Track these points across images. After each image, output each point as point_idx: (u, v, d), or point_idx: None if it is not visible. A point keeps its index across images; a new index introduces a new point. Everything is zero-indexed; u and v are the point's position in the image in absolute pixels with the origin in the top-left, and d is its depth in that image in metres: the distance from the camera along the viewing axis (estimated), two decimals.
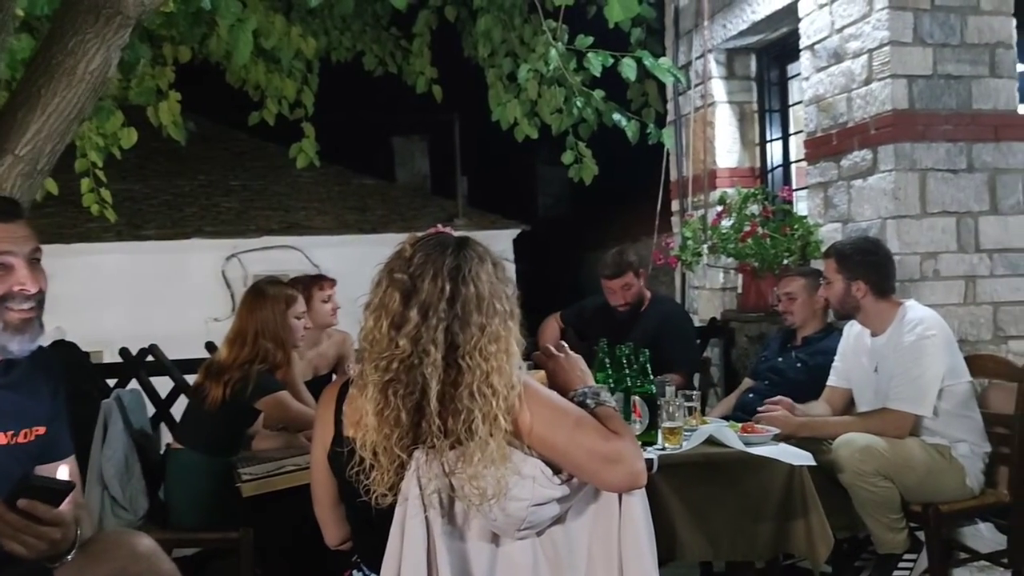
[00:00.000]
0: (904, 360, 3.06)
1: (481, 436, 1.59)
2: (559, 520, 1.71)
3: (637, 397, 2.73)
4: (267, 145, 12.41)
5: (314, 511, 1.89)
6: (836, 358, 3.39)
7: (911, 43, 3.74)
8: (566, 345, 1.94)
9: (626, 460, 1.65)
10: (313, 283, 3.80)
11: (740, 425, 2.86)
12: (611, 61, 3.92)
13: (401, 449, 1.62)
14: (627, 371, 2.80)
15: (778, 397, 3.18)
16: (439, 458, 1.61)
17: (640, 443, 2.56)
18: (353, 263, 4.40)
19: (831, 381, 3.38)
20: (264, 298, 3.20)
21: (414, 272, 1.65)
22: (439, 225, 1.81)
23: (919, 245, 3.68)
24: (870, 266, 3.21)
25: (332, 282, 3.90)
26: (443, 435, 1.61)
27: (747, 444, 2.65)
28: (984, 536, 3.31)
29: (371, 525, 1.69)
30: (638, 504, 1.75)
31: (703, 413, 3.40)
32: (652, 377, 2.80)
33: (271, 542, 2.93)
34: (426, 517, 1.61)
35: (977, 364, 3.23)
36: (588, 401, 1.76)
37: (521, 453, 1.64)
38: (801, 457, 2.58)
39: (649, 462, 2.37)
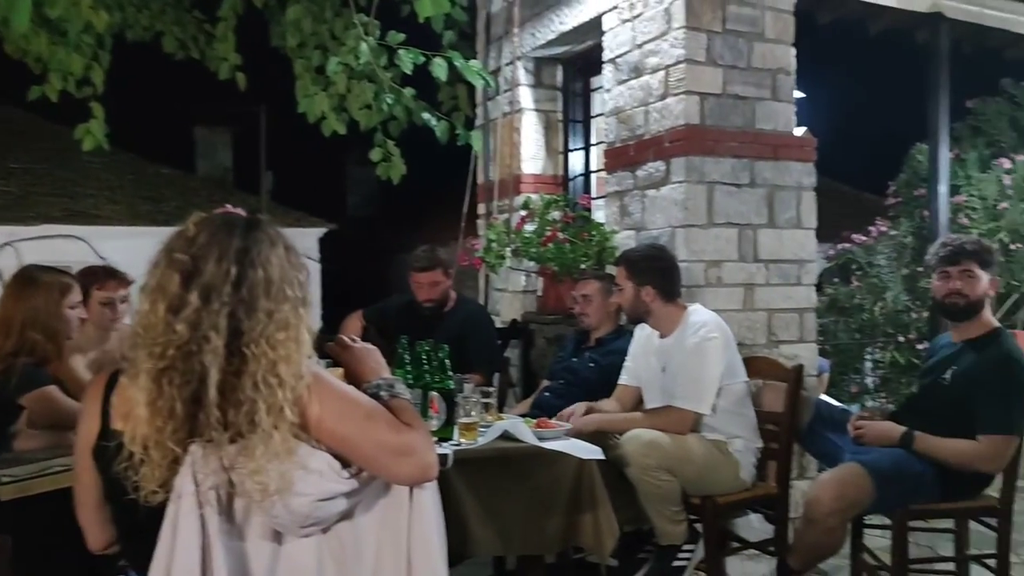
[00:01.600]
0: (687, 361, 3.23)
1: (265, 428, 1.51)
2: (346, 516, 1.66)
3: (435, 393, 2.73)
4: (51, 125, 11.49)
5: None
6: (627, 358, 3.54)
7: (704, 63, 3.96)
8: (357, 338, 1.89)
9: (417, 452, 1.63)
10: (93, 280, 3.44)
11: (535, 420, 2.92)
12: (422, 60, 3.91)
13: (175, 443, 1.51)
14: (426, 367, 2.79)
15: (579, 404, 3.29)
16: (218, 452, 1.52)
17: (437, 439, 2.56)
18: (144, 256, 4.10)
19: (622, 380, 3.51)
20: (35, 285, 2.93)
21: (197, 253, 1.55)
22: (228, 206, 1.71)
23: (705, 253, 3.90)
24: (657, 272, 3.38)
25: (121, 281, 3.54)
26: (223, 428, 1.52)
27: (541, 439, 2.71)
28: (754, 526, 3.55)
29: (139, 526, 1.57)
30: (429, 499, 1.73)
31: (501, 411, 3.45)
32: (451, 373, 2.81)
33: (34, 549, 2.68)
34: (201, 515, 1.52)
35: (752, 365, 3.46)
36: (381, 393, 1.72)
37: (308, 446, 1.58)
38: (591, 451, 2.67)
39: (444, 457, 2.36)
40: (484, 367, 4.05)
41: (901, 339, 7.76)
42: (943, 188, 6.47)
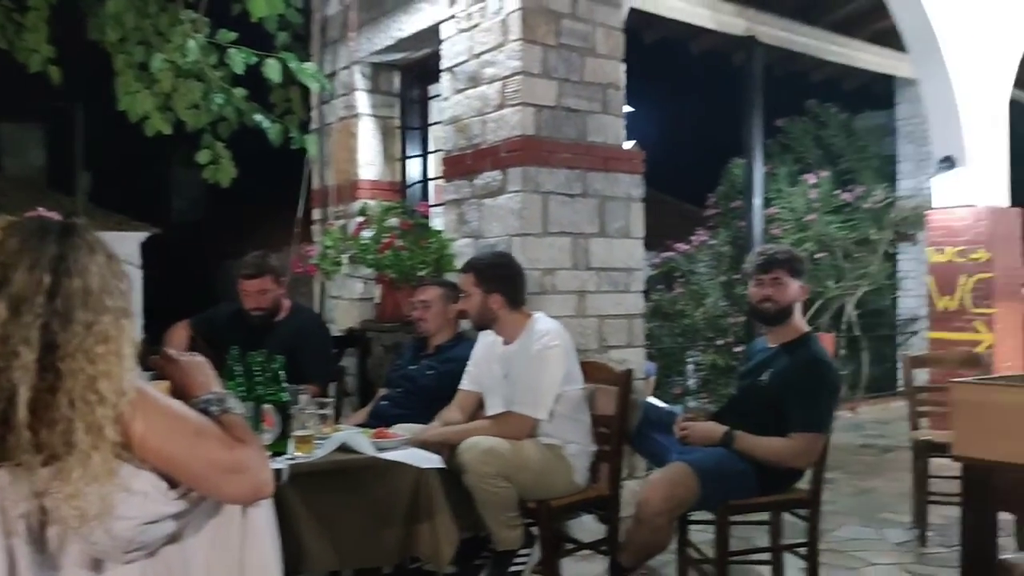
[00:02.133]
0: (528, 368, 3.27)
1: (82, 449, 1.42)
2: (174, 538, 1.58)
3: (269, 405, 2.65)
4: None
5: None
6: (470, 363, 3.54)
7: (539, 75, 4.06)
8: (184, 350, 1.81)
9: (250, 470, 1.56)
10: None
11: (373, 431, 2.89)
12: (255, 60, 3.79)
13: None
14: (259, 379, 2.70)
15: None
16: (29, 476, 1.41)
17: (271, 453, 2.49)
18: None
19: (464, 385, 3.52)
20: None
21: (6, 260, 1.43)
22: (41, 209, 1.59)
23: (540, 262, 3.99)
24: (505, 280, 3.41)
25: None
26: (35, 450, 1.40)
27: (379, 449, 2.68)
28: (587, 527, 3.64)
29: None
30: (263, 516, 1.68)
31: (338, 422, 3.39)
32: (285, 385, 2.73)
33: None
34: (8, 546, 1.40)
35: (584, 370, 3.55)
36: (211, 408, 1.64)
37: (131, 467, 1.49)
38: (430, 460, 2.66)
39: (279, 472, 2.30)
40: (319, 377, 3.96)
41: (720, 342, 8.23)
42: (757, 201, 6.93)
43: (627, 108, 4.47)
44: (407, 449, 2.77)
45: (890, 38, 7.16)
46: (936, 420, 4.45)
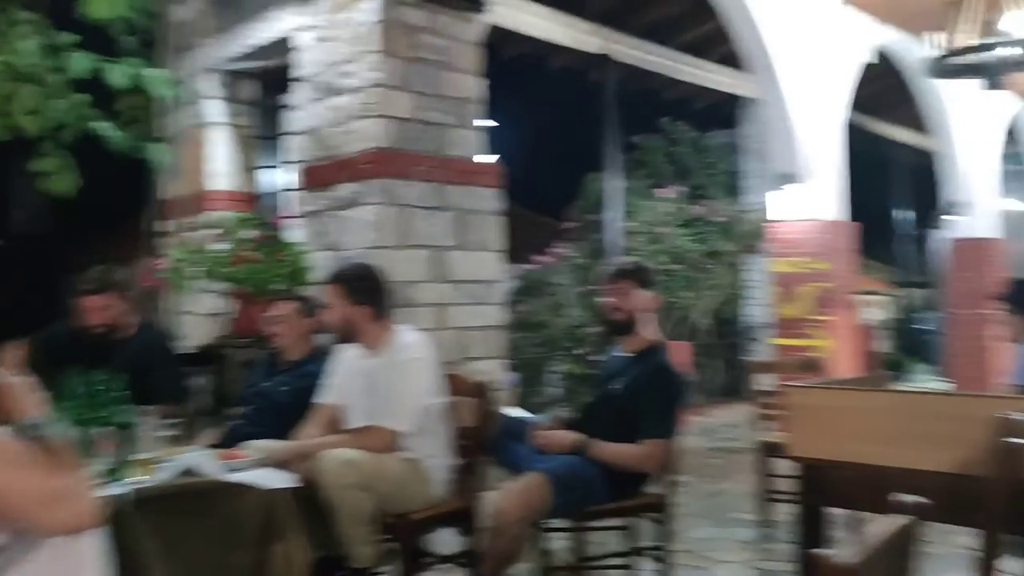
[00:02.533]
0: (393, 380, 3.25)
1: None
2: None
3: (109, 428, 2.53)
4: None
5: None
6: (329, 376, 3.48)
7: (397, 87, 4.06)
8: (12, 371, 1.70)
9: (71, 499, 1.49)
10: None
11: (221, 452, 2.80)
12: (100, 64, 3.62)
13: None
14: (99, 400, 2.58)
15: None
16: None
17: (111, 477, 2.38)
18: None
19: (322, 399, 3.46)
20: None
21: None
22: None
23: (398, 274, 3.97)
24: (372, 292, 3.37)
25: None
26: None
27: (229, 471, 2.60)
28: (446, 541, 3.64)
29: None
30: (92, 547, 1.59)
31: (188, 443, 3.26)
32: (129, 406, 2.61)
33: None
34: None
35: (444, 382, 3.55)
36: (31, 434, 1.55)
37: None
38: (281, 480, 2.60)
39: (119, 497, 2.20)
40: (169, 397, 3.79)
41: (578, 352, 8.41)
42: (613, 214, 7.12)
43: (487, 122, 4.52)
44: (258, 469, 2.69)
45: (735, 61, 7.54)
46: (781, 423, 4.69)
